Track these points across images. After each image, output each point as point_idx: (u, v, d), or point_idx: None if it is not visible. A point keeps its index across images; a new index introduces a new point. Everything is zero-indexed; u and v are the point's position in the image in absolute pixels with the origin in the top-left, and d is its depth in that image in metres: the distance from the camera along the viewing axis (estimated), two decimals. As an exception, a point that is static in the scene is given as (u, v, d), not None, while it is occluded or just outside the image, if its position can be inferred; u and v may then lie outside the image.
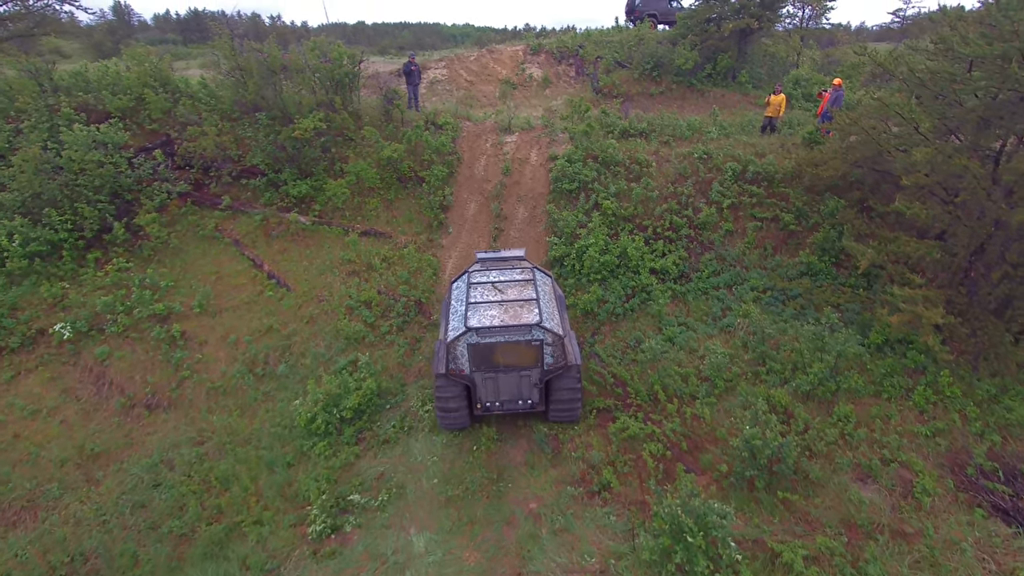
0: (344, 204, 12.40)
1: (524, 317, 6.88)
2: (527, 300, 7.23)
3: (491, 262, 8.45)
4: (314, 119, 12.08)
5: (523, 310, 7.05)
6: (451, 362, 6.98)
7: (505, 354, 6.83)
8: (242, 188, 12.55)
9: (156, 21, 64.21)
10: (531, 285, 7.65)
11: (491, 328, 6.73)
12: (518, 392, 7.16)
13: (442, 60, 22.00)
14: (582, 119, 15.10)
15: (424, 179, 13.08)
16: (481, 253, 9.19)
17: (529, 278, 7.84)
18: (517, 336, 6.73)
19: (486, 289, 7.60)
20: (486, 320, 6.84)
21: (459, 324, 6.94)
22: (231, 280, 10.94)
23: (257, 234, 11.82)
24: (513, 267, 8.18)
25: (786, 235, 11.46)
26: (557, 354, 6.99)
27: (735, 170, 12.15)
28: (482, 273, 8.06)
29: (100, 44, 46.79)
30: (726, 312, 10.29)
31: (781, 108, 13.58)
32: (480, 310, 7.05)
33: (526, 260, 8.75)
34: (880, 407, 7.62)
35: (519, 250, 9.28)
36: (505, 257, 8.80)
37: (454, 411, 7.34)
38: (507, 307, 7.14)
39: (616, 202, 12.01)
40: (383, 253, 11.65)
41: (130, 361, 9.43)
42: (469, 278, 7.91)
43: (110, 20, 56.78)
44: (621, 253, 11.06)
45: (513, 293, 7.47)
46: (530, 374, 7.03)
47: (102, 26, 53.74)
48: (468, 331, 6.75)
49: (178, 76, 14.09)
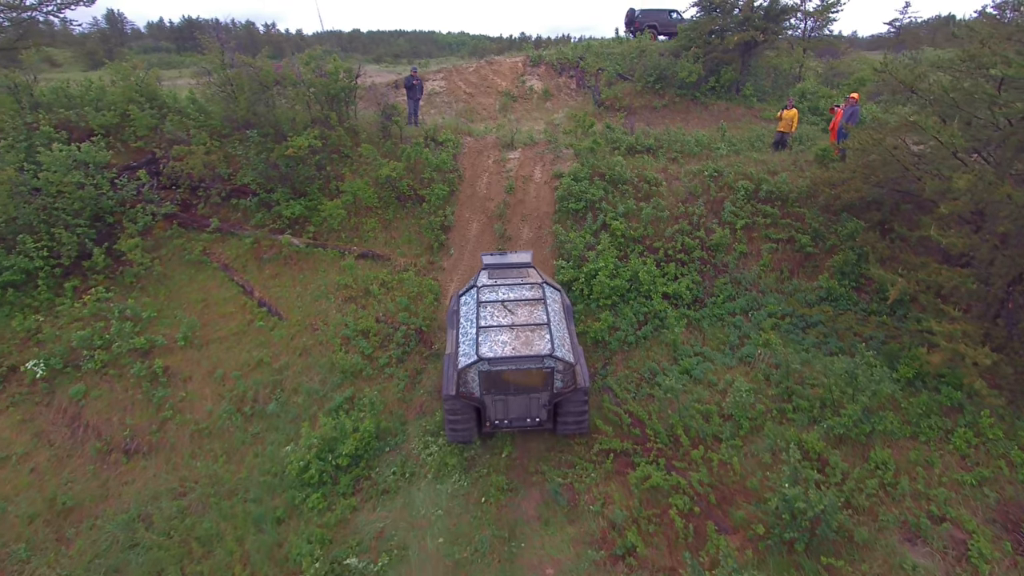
0: (340, 225, 11.74)
1: (536, 345, 6.80)
2: (538, 324, 7.10)
3: (499, 272, 8.29)
4: (308, 136, 11.45)
5: (535, 336, 6.95)
6: (461, 386, 6.90)
7: (516, 379, 6.83)
8: (232, 209, 11.86)
9: (149, 29, 63.65)
10: (541, 305, 7.48)
11: (503, 359, 6.67)
12: (527, 411, 7.15)
13: (440, 72, 21.47)
14: (586, 134, 14.59)
15: (424, 198, 12.46)
16: (487, 256, 9.06)
17: (539, 296, 7.64)
18: (529, 364, 6.72)
19: (496, 309, 7.39)
20: (498, 348, 6.76)
21: (470, 350, 6.81)
22: (219, 308, 10.23)
23: (247, 258, 11.13)
24: (522, 280, 7.98)
25: (803, 257, 10.92)
26: (567, 379, 6.95)
27: (747, 189, 11.63)
28: (491, 289, 7.81)
29: (92, 52, 46.11)
30: (744, 340, 9.70)
31: (793, 123, 13.11)
32: (491, 335, 6.92)
33: (534, 268, 8.59)
34: (918, 451, 7.04)
35: (526, 253, 9.24)
36: (512, 264, 8.65)
37: (463, 428, 7.36)
38: (518, 332, 7.01)
39: (625, 222, 11.43)
40: (381, 277, 10.99)
41: (108, 401, 8.69)
42: (478, 295, 7.65)
43: (103, 28, 56.12)
44: (632, 277, 10.48)
45: (524, 314, 7.33)
46: (540, 396, 7.01)
47: (94, 34, 53.13)
48: (480, 360, 6.66)
49: (166, 90, 13.41)
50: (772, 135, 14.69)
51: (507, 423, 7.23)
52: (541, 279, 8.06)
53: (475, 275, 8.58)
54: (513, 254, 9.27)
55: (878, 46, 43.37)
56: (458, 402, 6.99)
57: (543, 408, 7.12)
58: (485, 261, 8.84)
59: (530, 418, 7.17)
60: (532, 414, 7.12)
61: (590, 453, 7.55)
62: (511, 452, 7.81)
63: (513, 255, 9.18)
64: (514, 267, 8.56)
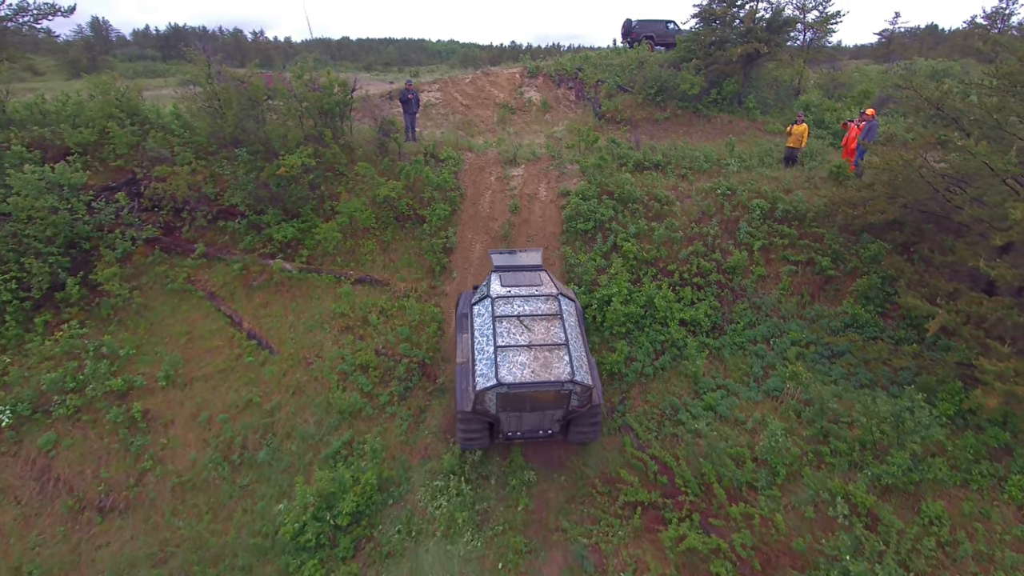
0: (335, 248, 10.97)
1: (556, 368, 6.61)
2: (557, 344, 6.87)
3: (511, 277, 8.03)
4: (301, 154, 10.68)
5: (553, 357, 6.74)
6: (478, 403, 6.69)
7: (534, 400, 6.72)
8: (219, 231, 11.03)
9: (135, 36, 62.26)
10: (559, 321, 7.18)
11: (523, 384, 6.50)
12: (540, 425, 7.07)
13: (436, 83, 20.81)
14: (591, 149, 14.01)
15: (424, 218, 11.74)
16: (496, 255, 8.88)
17: (556, 311, 7.33)
18: (549, 388, 6.59)
19: (512, 325, 7.12)
20: (517, 370, 6.58)
21: (488, 371, 6.59)
22: (204, 342, 9.40)
23: (236, 285, 10.31)
24: (537, 290, 7.69)
25: (823, 280, 10.38)
26: (583, 398, 6.81)
27: (763, 208, 11.08)
28: (506, 301, 7.45)
29: (76, 61, 44.79)
30: (768, 372, 9.11)
31: (803, 139, 12.64)
32: (509, 356, 6.72)
33: (545, 272, 8.35)
34: (972, 502, 6.46)
35: (536, 252, 8.99)
36: (523, 266, 8.49)
37: (476, 438, 7.28)
38: (537, 353, 6.79)
39: (637, 244, 10.82)
40: (380, 304, 10.24)
41: (81, 451, 7.82)
42: (493, 307, 7.30)
43: (87, 36, 54.66)
44: (647, 303, 9.85)
45: (541, 331, 7.06)
46: (554, 413, 6.92)
47: (78, 42, 51.70)
48: (500, 385, 6.46)
49: (149, 105, 12.56)
50: (780, 149, 14.23)
51: (520, 435, 7.19)
52: (556, 289, 7.74)
53: (487, 278, 8.30)
54: (523, 252, 9.03)
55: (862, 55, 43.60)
56: (473, 418, 6.91)
57: (556, 422, 7.06)
58: (495, 262, 8.63)
59: (543, 430, 7.15)
60: (545, 427, 7.09)
61: (615, 506, 6.86)
62: (528, 505, 7.09)
63: (523, 254, 8.95)
64: (525, 269, 8.39)
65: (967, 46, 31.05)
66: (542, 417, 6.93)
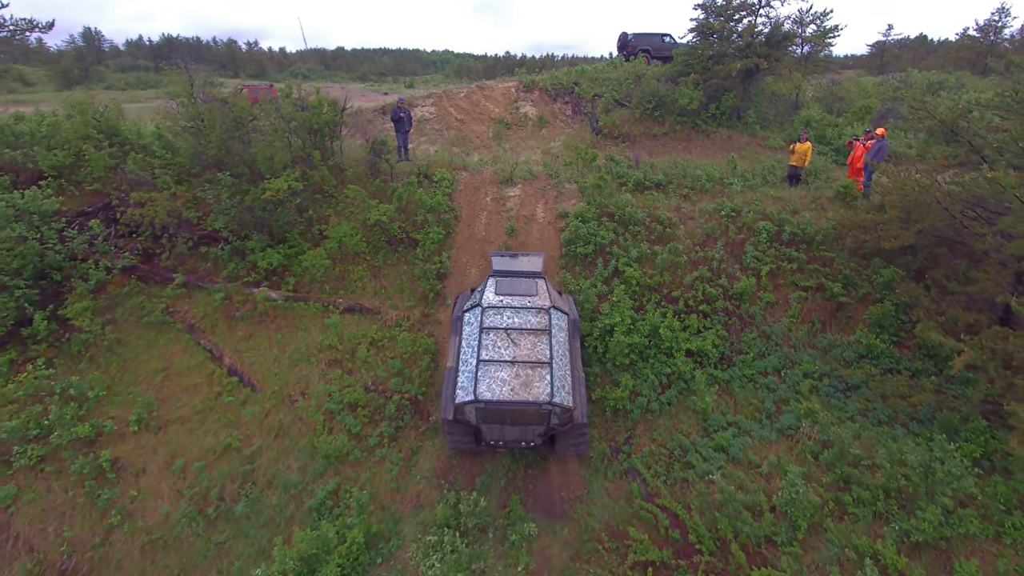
0: (323, 275, 10.44)
1: (535, 388, 6.65)
2: (540, 363, 6.89)
3: (507, 284, 8.05)
4: (288, 178, 10.16)
5: (535, 376, 6.79)
6: (458, 414, 6.84)
7: (513, 416, 6.75)
8: (201, 258, 10.47)
9: (128, 47, 61.91)
10: (546, 337, 7.19)
11: (499, 401, 6.55)
12: (522, 437, 7.10)
13: (430, 97, 20.40)
14: (589, 167, 13.59)
15: (417, 241, 11.24)
16: (497, 257, 8.92)
17: (544, 326, 7.34)
18: (526, 407, 6.60)
19: (499, 337, 7.18)
20: (496, 387, 6.67)
21: (468, 385, 6.76)
22: (182, 379, 8.80)
23: (217, 316, 9.73)
24: (530, 301, 7.67)
25: (834, 307, 9.92)
26: (564, 418, 6.80)
27: (769, 231, 10.65)
28: (497, 312, 7.48)
29: (67, 71, 44.24)
30: (780, 407, 8.61)
31: (807, 157, 12.26)
32: (491, 371, 6.81)
33: (543, 280, 8.34)
34: (1007, 559, 5.94)
35: (537, 256, 9.03)
36: (522, 272, 8.46)
37: (462, 442, 7.42)
38: (519, 370, 6.84)
39: (639, 269, 10.35)
40: (370, 335, 9.68)
41: (43, 506, 7.18)
42: (483, 318, 7.35)
43: (79, 46, 54.09)
44: (651, 332, 9.34)
45: (527, 346, 7.09)
46: (535, 428, 6.91)
47: (70, 52, 51.12)
48: (476, 401, 6.56)
49: (130, 125, 12.02)
50: (782, 166, 13.87)
51: (503, 444, 7.23)
52: (549, 301, 7.70)
53: (483, 282, 8.33)
54: (524, 257, 9.02)
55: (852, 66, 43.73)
56: (456, 424, 7.02)
57: (538, 436, 7.05)
58: (494, 265, 8.64)
59: (525, 442, 7.15)
60: (527, 439, 7.10)
61: (624, 566, 6.29)
62: (529, 564, 6.51)
63: (524, 258, 8.95)
64: (524, 276, 8.36)
65: (960, 58, 31.17)
66: (524, 430, 6.96)
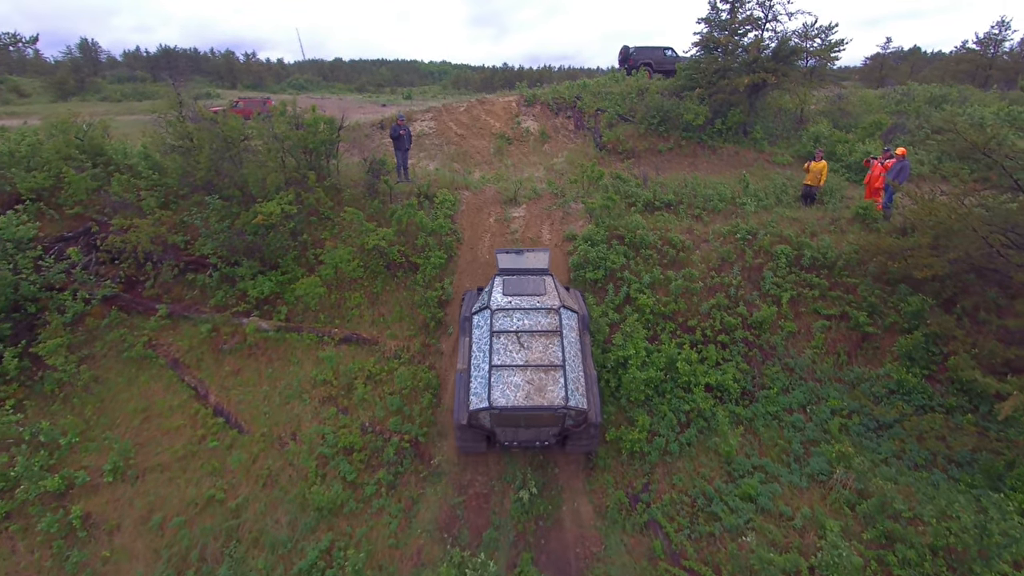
0: (318, 304, 9.83)
1: (550, 392, 6.56)
2: (553, 365, 6.79)
3: (515, 284, 7.89)
4: (281, 201, 9.59)
5: (548, 379, 6.68)
6: (472, 420, 6.73)
7: (528, 419, 6.67)
8: (187, 286, 9.83)
9: (126, 58, 61.71)
10: (557, 339, 7.07)
11: (515, 407, 6.45)
12: (536, 437, 7.07)
13: (429, 111, 19.93)
14: (595, 186, 13.08)
15: (418, 266, 10.66)
16: (502, 255, 8.76)
17: (555, 327, 7.19)
18: (541, 411, 6.50)
19: (510, 341, 7.07)
20: (510, 392, 6.57)
21: (482, 391, 6.63)
22: (163, 420, 8.12)
23: (203, 349, 9.07)
24: (539, 302, 7.51)
25: (860, 337, 9.35)
26: (579, 419, 6.76)
27: (788, 255, 10.12)
28: (506, 314, 7.34)
29: (63, 82, 43.76)
30: (809, 448, 7.99)
31: (822, 176, 11.77)
32: (504, 376, 6.70)
33: (551, 277, 8.24)
34: (1079, 634, 5.36)
35: (543, 251, 8.84)
36: (529, 270, 8.44)
37: (473, 445, 7.35)
38: (532, 374, 6.73)
39: (652, 296, 9.79)
40: (368, 368, 9.04)
41: (5, 569, 6.47)
42: (492, 321, 7.22)
43: (75, 57, 53.68)
44: (667, 365, 8.76)
45: (538, 349, 6.98)
46: (550, 429, 6.89)
47: (66, 63, 50.68)
48: (491, 408, 6.44)
49: (115, 144, 11.43)
50: (793, 183, 13.42)
51: (516, 444, 7.27)
52: (559, 300, 7.52)
53: (490, 282, 8.18)
54: (530, 252, 8.84)
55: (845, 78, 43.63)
56: (469, 429, 6.95)
57: (553, 436, 7.05)
58: (500, 263, 8.59)
59: (539, 442, 7.16)
60: (541, 439, 7.11)
61: (650, 643, 5.66)
62: (543, 638, 5.86)
63: (530, 254, 8.81)
64: (531, 274, 8.28)
65: (959, 71, 31.07)
66: (538, 431, 6.93)
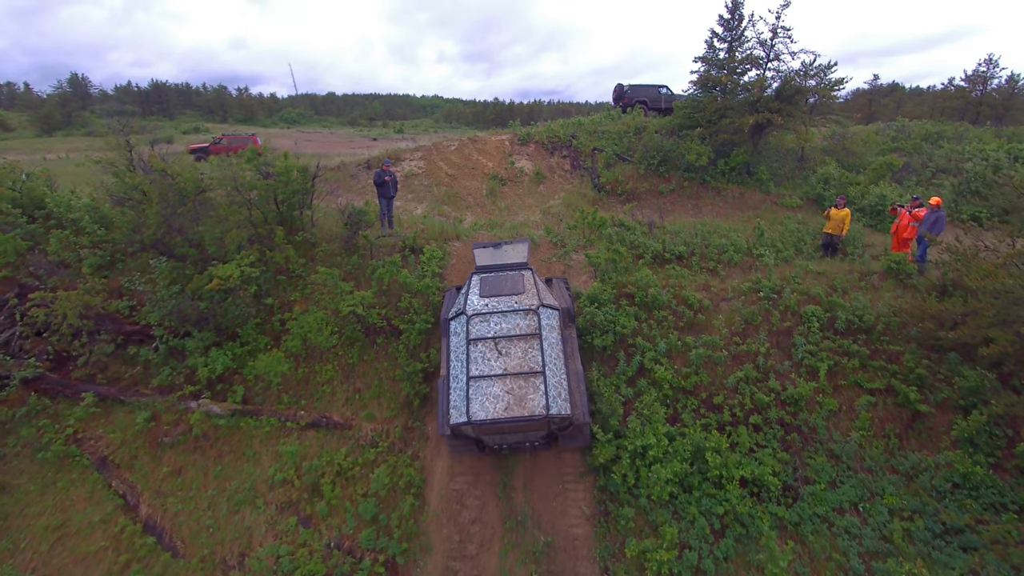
0: (282, 383, 8.39)
1: (530, 402, 6.38)
2: (533, 372, 6.59)
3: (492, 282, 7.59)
4: (242, 262, 8.26)
5: (529, 387, 6.50)
6: (456, 430, 6.58)
7: (512, 427, 6.48)
8: (128, 362, 8.33)
9: (117, 92, 61.46)
10: (536, 342, 6.81)
11: (495, 420, 6.28)
12: (524, 439, 7.04)
13: (419, 150, 18.97)
14: (597, 234, 11.97)
15: (400, 330, 9.30)
16: (479, 248, 8.39)
17: (534, 328, 6.91)
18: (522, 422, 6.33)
19: (487, 348, 6.81)
20: (490, 404, 6.40)
21: (461, 404, 6.46)
22: (79, 541, 6.48)
23: (139, 443, 7.52)
24: (517, 302, 7.17)
25: (910, 416, 8.06)
26: (564, 423, 6.67)
27: (820, 318, 8.94)
28: (483, 319, 7.02)
29: (49, 116, 43.02)
30: (870, 564, 6.58)
31: (845, 225, 10.73)
32: (482, 387, 6.53)
33: (530, 272, 7.87)
34: None
35: (522, 243, 8.48)
36: (507, 266, 8.13)
37: (464, 448, 7.26)
38: (511, 383, 6.54)
39: (670, 366, 8.50)
40: (338, 462, 7.52)
41: None
42: (468, 327, 6.94)
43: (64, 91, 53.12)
44: (694, 454, 7.38)
45: (517, 355, 6.74)
46: (536, 432, 6.78)
47: (53, 98, 49.96)
48: (471, 422, 6.26)
49: (60, 195, 10.09)
50: (807, 229, 12.45)
51: (505, 447, 7.23)
52: (537, 300, 7.16)
53: (467, 281, 7.84)
54: (508, 246, 8.44)
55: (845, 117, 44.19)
56: (455, 437, 6.85)
57: (541, 438, 7.02)
58: (477, 260, 8.25)
59: (528, 443, 7.12)
60: (530, 440, 7.07)
61: None
62: None
63: (509, 247, 8.41)
64: (509, 270, 7.98)
65: (947, 107, 31.28)
66: (525, 435, 6.85)
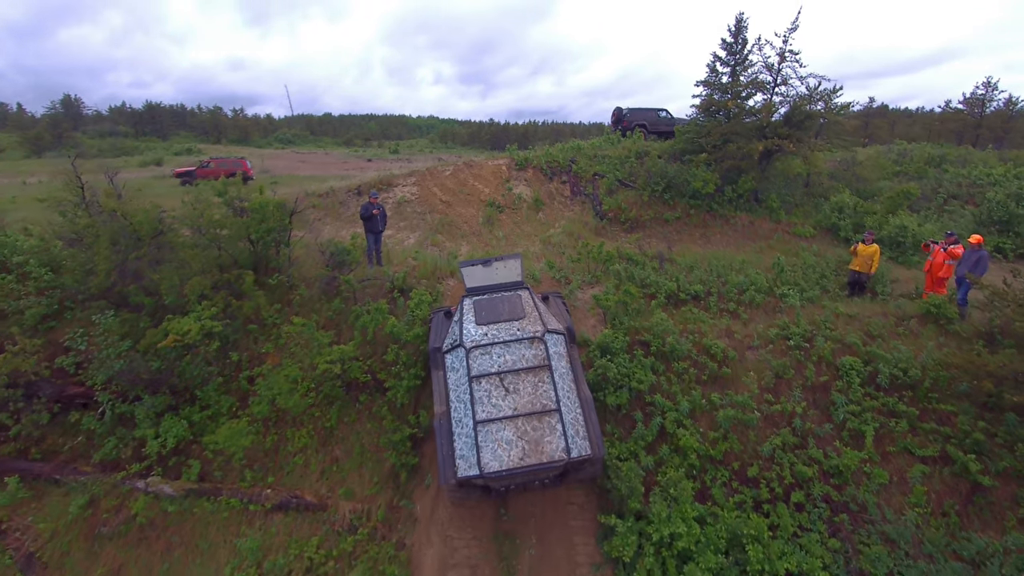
0: (246, 454, 7.20)
1: (548, 446, 5.58)
2: (547, 411, 5.80)
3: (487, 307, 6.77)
4: (203, 314, 7.16)
5: (544, 428, 5.70)
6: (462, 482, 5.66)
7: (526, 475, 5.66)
8: (68, 431, 7.12)
9: (111, 112, 61.02)
10: (547, 373, 6.05)
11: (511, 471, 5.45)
12: (535, 479, 6.02)
13: (412, 176, 18.05)
14: (603, 269, 11.01)
15: (386, 386, 8.17)
16: (467, 266, 7.67)
17: (543, 359, 6.12)
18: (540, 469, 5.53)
19: (492, 386, 5.99)
20: (502, 452, 5.54)
21: (469, 454, 5.58)
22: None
23: (74, 534, 6.27)
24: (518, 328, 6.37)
25: (969, 487, 7.01)
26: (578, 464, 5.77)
27: (860, 371, 7.92)
28: (484, 351, 6.19)
29: (39, 137, 42.17)
30: None
31: (874, 262, 9.83)
32: (492, 433, 5.67)
33: (527, 291, 7.16)
34: None
35: (514, 259, 7.69)
36: (501, 286, 7.41)
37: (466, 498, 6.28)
38: (523, 425, 5.72)
39: (695, 430, 7.42)
40: (308, 556, 6.31)
41: None
42: (469, 362, 6.11)
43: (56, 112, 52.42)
44: (730, 543, 6.26)
45: (527, 391, 5.95)
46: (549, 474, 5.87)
47: (43, 118, 49.15)
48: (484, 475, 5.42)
49: (5, 235, 8.99)
50: (828, 262, 11.58)
51: (513, 487, 6.25)
52: (541, 325, 6.38)
53: (459, 306, 7.03)
54: (499, 262, 7.65)
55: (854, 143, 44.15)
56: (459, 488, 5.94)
57: (553, 477, 6.14)
58: (467, 281, 7.52)
59: (538, 481, 6.18)
60: (540, 479, 6.10)
61: None
62: None
63: (499, 264, 7.63)
64: (503, 290, 7.28)
65: (945, 129, 31.06)
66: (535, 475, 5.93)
